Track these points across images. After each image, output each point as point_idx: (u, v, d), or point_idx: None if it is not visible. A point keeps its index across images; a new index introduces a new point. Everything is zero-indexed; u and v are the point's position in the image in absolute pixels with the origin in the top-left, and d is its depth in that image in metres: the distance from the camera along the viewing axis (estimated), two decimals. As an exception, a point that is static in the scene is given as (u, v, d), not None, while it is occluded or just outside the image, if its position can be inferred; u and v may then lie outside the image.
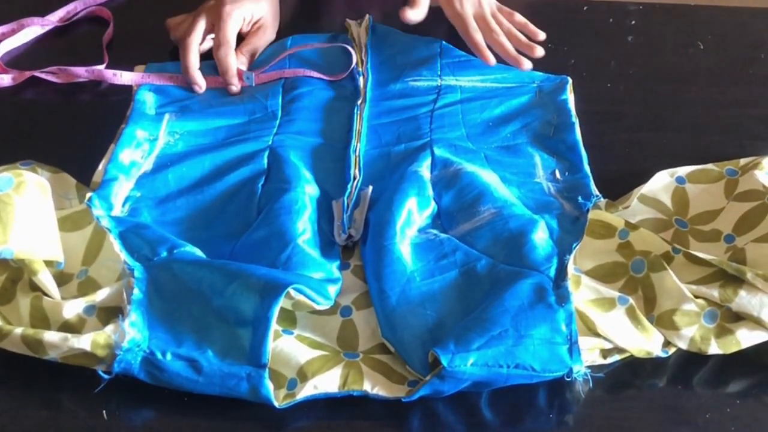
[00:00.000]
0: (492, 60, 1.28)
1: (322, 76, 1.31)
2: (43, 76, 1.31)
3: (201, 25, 1.30)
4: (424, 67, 1.32)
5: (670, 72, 1.37)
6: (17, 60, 1.36)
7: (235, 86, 1.28)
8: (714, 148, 1.22)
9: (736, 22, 1.48)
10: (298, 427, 0.93)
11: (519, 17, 1.36)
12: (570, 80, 1.30)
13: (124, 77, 1.30)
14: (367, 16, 1.38)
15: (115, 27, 1.41)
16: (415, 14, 1.31)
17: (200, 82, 1.28)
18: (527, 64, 1.28)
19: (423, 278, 1.02)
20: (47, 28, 1.41)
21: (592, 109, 1.27)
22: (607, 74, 1.36)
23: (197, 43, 1.29)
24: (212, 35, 1.31)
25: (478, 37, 1.31)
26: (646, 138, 1.25)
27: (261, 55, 1.35)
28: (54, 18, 1.42)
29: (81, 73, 1.31)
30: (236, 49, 1.31)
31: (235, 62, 1.28)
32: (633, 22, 1.46)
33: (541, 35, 1.34)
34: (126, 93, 1.28)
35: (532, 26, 1.35)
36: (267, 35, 1.36)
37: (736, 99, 1.32)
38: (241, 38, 1.34)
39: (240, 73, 1.28)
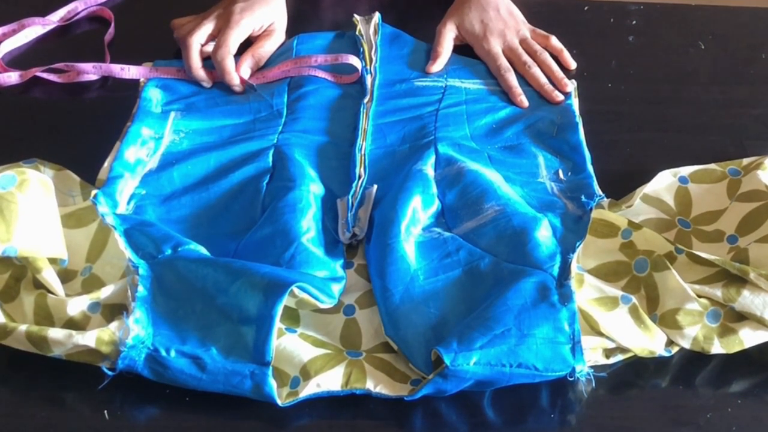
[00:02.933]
0: (525, 104, 1.27)
1: (329, 77, 1.30)
2: (48, 76, 1.31)
3: (207, 27, 1.28)
4: None
5: (671, 72, 1.37)
6: (18, 60, 1.36)
7: (237, 87, 1.27)
8: (715, 147, 1.22)
9: (736, 22, 1.48)
10: (300, 426, 0.93)
11: (555, 42, 1.36)
12: (575, 83, 1.30)
13: (131, 72, 1.29)
14: (377, 13, 1.37)
15: (116, 27, 1.40)
16: (437, 67, 1.32)
17: (205, 78, 1.28)
18: (559, 98, 1.28)
19: (426, 277, 1.02)
20: (48, 28, 1.41)
21: (593, 109, 1.27)
22: (607, 74, 1.36)
23: (199, 42, 1.27)
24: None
25: (509, 77, 1.30)
26: (646, 138, 1.25)
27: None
28: (55, 18, 1.42)
29: (88, 69, 1.31)
30: (245, 53, 1.29)
31: (233, 64, 1.26)
32: (633, 22, 1.46)
33: (573, 64, 1.35)
34: (131, 91, 1.27)
35: (566, 54, 1.35)
36: (277, 39, 1.35)
37: (736, 99, 1.32)
38: (249, 42, 1.32)
39: (243, 81, 1.28)
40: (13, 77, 1.31)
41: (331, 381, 0.93)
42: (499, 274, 1.01)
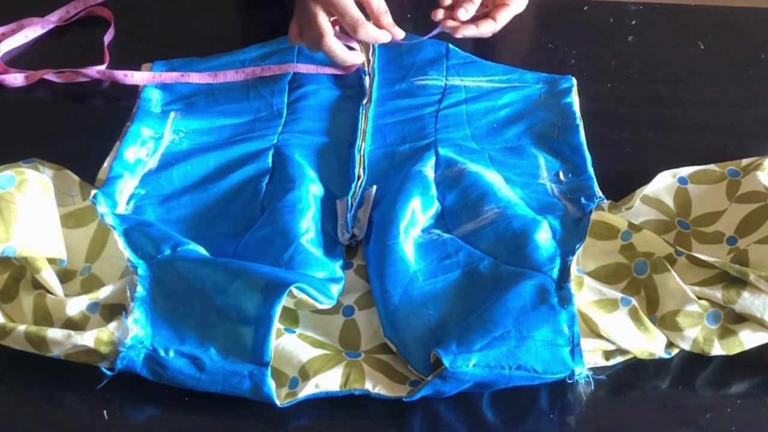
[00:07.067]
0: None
1: (328, 71, 1.30)
2: (48, 76, 1.31)
3: (322, 20, 1.22)
4: (430, 68, 1.31)
5: (671, 72, 1.37)
6: (18, 60, 1.36)
7: (400, 34, 1.26)
8: (714, 148, 1.22)
9: (736, 22, 1.48)
10: (299, 426, 0.93)
11: None
12: (575, 82, 1.29)
13: (135, 77, 1.29)
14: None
15: (115, 27, 1.40)
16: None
17: (352, 57, 1.26)
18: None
19: (426, 278, 1.02)
20: (47, 28, 1.41)
21: (592, 109, 1.27)
22: (607, 74, 1.36)
23: (332, 36, 1.23)
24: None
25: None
26: (646, 138, 1.25)
27: (269, 48, 1.33)
28: (54, 18, 1.42)
29: (93, 73, 1.30)
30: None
31: (379, 32, 1.24)
32: (633, 22, 1.46)
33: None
34: (131, 91, 1.27)
35: None
36: None
37: (736, 99, 1.32)
38: None
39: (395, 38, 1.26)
40: (18, 79, 1.30)
41: (329, 381, 0.93)
42: (499, 276, 1.01)
